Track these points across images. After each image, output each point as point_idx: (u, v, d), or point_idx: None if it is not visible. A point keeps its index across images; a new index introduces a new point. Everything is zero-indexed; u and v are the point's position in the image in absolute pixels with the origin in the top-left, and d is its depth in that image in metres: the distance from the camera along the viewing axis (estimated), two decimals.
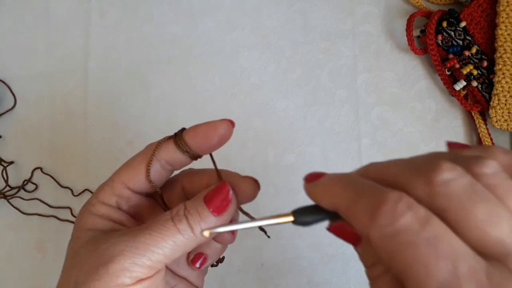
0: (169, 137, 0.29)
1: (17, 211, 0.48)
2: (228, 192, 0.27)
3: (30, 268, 0.48)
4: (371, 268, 0.23)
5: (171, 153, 0.28)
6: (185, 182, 0.31)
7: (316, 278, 0.46)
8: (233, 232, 0.30)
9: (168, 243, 0.25)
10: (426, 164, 0.21)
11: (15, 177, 0.49)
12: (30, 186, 0.49)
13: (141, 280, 0.25)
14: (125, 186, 0.29)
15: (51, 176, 0.49)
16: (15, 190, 0.49)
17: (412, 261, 0.19)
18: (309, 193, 0.24)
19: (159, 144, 0.28)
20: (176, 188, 0.31)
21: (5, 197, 0.48)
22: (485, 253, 0.19)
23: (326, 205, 0.23)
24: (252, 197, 0.29)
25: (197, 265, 0.30)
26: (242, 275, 0.47)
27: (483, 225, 0.18)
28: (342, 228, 0.24)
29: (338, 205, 0.22)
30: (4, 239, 0.49)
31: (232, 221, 0.29)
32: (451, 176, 0.20)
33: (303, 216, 0.24)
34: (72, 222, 0.48)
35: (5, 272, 0.48)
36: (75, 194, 0.48)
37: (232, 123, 0.29)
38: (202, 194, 0.27)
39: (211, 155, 0.29)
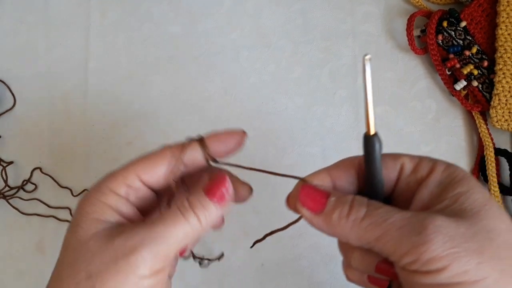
0: (191, 141, 0.30)
1: (16, 211, 0.48)
2: (226, 180, 0.29)
3: (30, 268, 0.48)
4: (355, 209, 0.26)
5: (193, 154, 0.30)
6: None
7: (317, 279, 0.46)
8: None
9: (180, 232, 0.27)
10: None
11: (15, 177, 0.49)
12: (29, 186, 0.49)
13: (157, 272, 0.26)
14: (138, 178, 0.29)
15: (50, 176, 0.49)
16: (15, 190, 0.48)
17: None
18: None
19: (185, 144, 0.30)
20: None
21: (4, 197, 0.48)
22: None
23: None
24: (243, 200, 0.31)
25: None
26: (241, 275, 0.47)
27: None
28: (308, 190, 0.28)
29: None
30: (3, 239, 0.48)
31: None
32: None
33: None
34: None
35: (5, 272, 0.48)
36: (75, 194, 0.48)
37: (245, 133, 0.31)
38: (201, 186, 0.29)
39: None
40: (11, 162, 0.49)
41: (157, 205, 0.32)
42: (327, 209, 0.27)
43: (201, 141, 0.30)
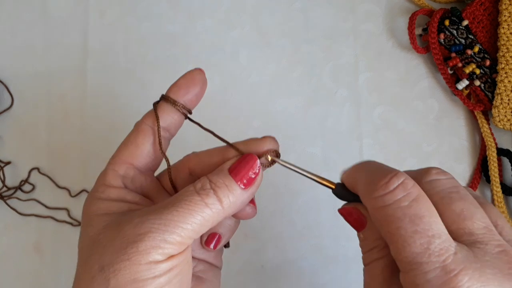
0: (156, 104, 0.29)
1: (14, 212, 0.48)
2: (256, 163, 0.27)
3: (27, 269, 0.47)
4: (367, 254, 0.26)
5: (166, 115, 0.29)
6: (193, 165, 0.30)
7: (317, 281, 0.46)
8: (254, 205, 0.30)
9: (197, 218, 0.25)
10: (420, 170, 0.25)
11: (12, 177, 0.49)
12: (27, 187, 0.48)
13: (172, 257, 0.24)
14: (128, 164, 0.28)
15: (48, 177, 0.48)
16: (12, 191, 0.48)
17: (394, 232, 0.22)
18: (342, 179, 0.28)
19: (155, 110, 0.28)
20: (181, 172, 0.30)
21: (2, 197, 0.48)
22: (457, 239, 0.22)
23: (349, 185, 0.27)
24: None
25: (212, 246, 0.30)
26: (242, 277, 0.47)
27: (459, 218, 0.22)
28: (349, 211, 0.27)
29: (355, 183, 0.26)
30: (1, 240, 0.48)
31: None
32: (441, 177, 0.24)
33: (341, 190, 0.28)
34: (70, 223, 0.47)
35: (2, 273, 0.48)
36: (73, 194, 0.48)
37: (201, 70, 0.30)
38: (226, 166, 0.27)
39: (216, 134, 0.29)
40: (9, 162, 0.49)
41: (161, 189, 0.30)
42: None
43: (166, 98, 0.28)
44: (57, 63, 0.50)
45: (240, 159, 0.27)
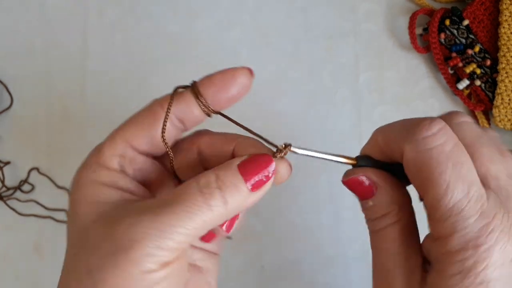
0: (178, 88, 0.25)
1: (13, 212, 0.47)
2: (271, 165, 0.24)
3: (27, 270, 0.47)
4: (380, 219, 0.25)
5: (185, 106, 0.25)
6: (203, 146, 0.27)
7: (317, 281, 0.46)
8: (228, 230, 0.27)
9: (197, 222, 0.22)
10: (445, 114, 0.26)
11: (12, 177, 0.48)
12: (26, 187, 0.48)
13: (167, 264, 0.22)
14: (128, 145, 0.25)
15: (47, 177, 0.48)
16: (12, 191, 0.48)
17: (437, 176, 0.22)
18: (364, 150, 0.27)
19: (172, 96, 0.24)
20: (190, 151, 0.27)
21: (1, 198, 0.48)
22: (484, 183, 0.23)
23: (376, 148, 0.26)
24: (282, 181, 0.26)
25: (207, 239, 0.27)
26: (241, 278, 0.46)
27: (487, 162, 0.23)
28: (356, 181, 0.26)
29: (385, 141, 0.26)
30: (0, 240, 0.48)
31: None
32: (468, 119, 0.25)
33: (364, 162, 0.27)
34: None
35: (2, 273, 0.48)
36: None
37: (251, 72, 0.26)
38: (235, 162, 0.24)
39: (241, 125, 0.26)
40: (8, 162, 0.48)
41: (163, 173, 0.27)
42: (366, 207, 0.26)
43: (193, 88, 0.24)
44: (57, 63, 0.50)
45: (253, 157, 0.24)
